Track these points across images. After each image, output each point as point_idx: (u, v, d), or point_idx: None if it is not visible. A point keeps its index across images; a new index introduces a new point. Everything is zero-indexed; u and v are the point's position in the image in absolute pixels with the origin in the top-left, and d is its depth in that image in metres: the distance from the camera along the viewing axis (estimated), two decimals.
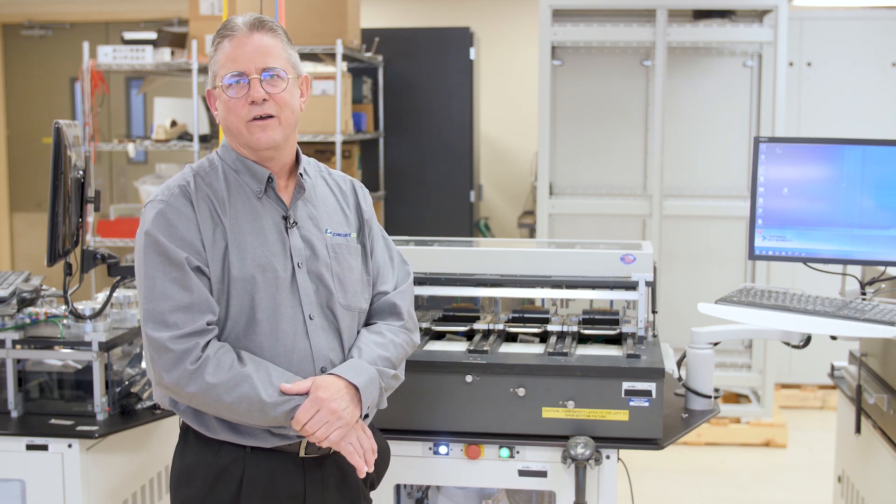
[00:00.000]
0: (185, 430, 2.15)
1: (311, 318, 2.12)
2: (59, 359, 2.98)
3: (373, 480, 2.31)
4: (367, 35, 6.17)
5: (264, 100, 2.07)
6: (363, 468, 2.11)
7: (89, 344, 2.87)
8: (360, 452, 2.10)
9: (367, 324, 2.27)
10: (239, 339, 2.07)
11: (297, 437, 2.09)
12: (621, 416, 2.55)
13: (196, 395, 1.99)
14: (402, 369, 2.27)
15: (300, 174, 2.19)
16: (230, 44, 2.09)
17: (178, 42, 5.49)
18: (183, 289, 2.01)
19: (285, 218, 2.15)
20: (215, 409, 2.02)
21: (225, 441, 2.09)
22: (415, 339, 2.32)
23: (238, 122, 2.09)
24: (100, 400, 2.87)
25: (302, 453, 2.13)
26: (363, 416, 2.12)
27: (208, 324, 2.02)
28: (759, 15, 5.46)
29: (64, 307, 2.98)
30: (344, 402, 2.05)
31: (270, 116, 2.09)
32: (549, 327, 2.89)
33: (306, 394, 2.03)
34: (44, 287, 3.11)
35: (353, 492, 2.22)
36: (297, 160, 2.21)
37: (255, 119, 2.08)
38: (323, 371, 2.12)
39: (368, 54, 5.99)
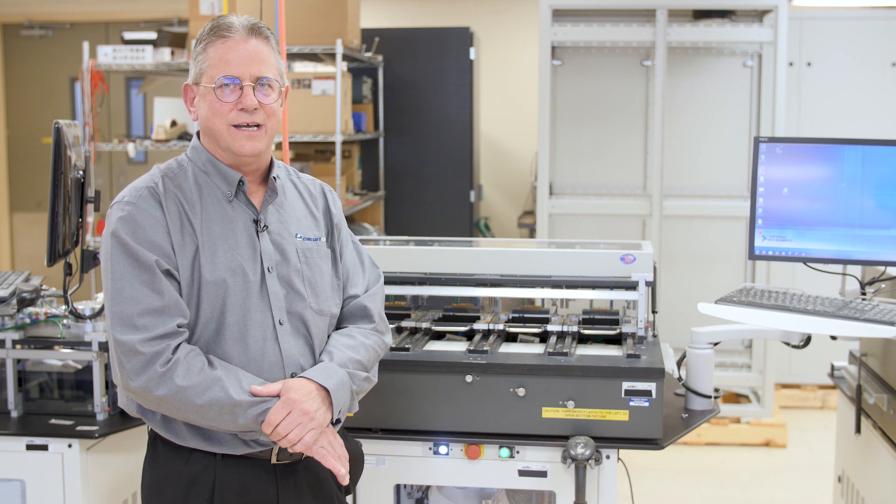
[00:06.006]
0: (154, 439, 2.12)
1: (280, 324, 2.08)
2: (59, 359, 2.99)
3: (348, 485, 2.24)
4: (367, 35, 6.17)
5: (255, 108, 2.05)
6: (341, 471, 2.05)
7: (89, 344, 2.87)
8: (335, 456, 2.06)
9: (338, 327, 2.24)
10: (209, 344, 2.03)
11: (269, 443, 2.06)
12: (621, 416, 2.55)
13: (165, 398, 1.94)
14: (374, 372, 2.24)
15: (273, 178, 2.15)
16: (225, 45, 2.05)
17: (178, 42, 5.49)
18: (153, 292, 1.96)
19: (255, 222, 2.11)
20: (185, 414, 1.97)
21: (195, 449, 2.04)
22: (387, 341, 2.28)
23: (222, 125, 2.06)
24: (100, 400, 2.88)
25: (273, 460, 2.09)
26: (335, 421, 2.09)
27: (178, 326, 1.98)
28: (759, 15, 5.46)
29: (64, 307, 2.98)
30: (315, 404, 2.02)
31: (258, 126, 2.07)
32: (549, 327, 2.89)
33: (277, 397, 2.00)
34: (44, 287, 3.11)
35: (327, 497, 2.19)
36: (270, 165, 2.18)
37: (241, 126, 2.05)
38: (293, 377, 2.08)
39: (368, 54, 5.98)
